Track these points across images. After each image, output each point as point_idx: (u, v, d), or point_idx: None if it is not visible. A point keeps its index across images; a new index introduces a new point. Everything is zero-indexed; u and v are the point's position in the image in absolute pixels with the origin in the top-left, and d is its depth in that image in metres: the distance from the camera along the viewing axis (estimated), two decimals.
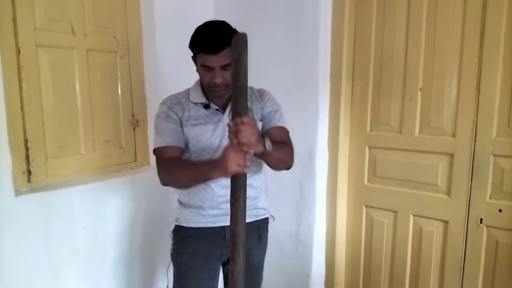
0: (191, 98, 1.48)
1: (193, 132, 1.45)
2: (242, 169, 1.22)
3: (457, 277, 1.81)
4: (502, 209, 1.68)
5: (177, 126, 1.45)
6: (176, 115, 1.45)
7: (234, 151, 1.21)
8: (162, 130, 1.46)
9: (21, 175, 1.59)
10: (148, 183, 2.00)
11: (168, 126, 1.45)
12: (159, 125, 1.47)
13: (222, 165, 1.23)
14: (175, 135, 1.45)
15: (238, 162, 1.21)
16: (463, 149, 1.74)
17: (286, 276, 2.19)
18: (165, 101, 1.50)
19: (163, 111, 1.47)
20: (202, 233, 1.50)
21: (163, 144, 1.45)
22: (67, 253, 1.71)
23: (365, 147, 2.03)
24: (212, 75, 1.36)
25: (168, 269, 1.59)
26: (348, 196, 2.13)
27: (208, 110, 1.47)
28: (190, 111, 1.46)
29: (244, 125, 1.19)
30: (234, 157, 1.21)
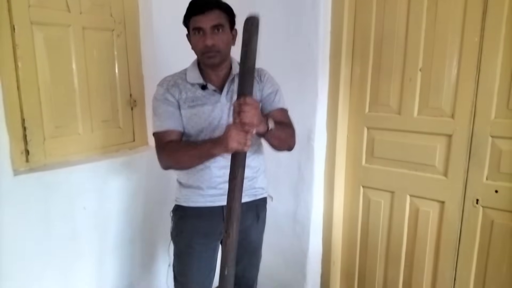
0: (188, 79, 1.46)
1: (191, 114, 1.44)
2: (242, 148, 1.24)
3: (452, 256, 1.84)
4: (498, 190, 1.69)
5: (175, 108, 1.45)
6: (173, 97, 1.44)
7: (236, 129, 1.23)
8: (160, 114, 1.45)
9: (19, 155, 1.59)
10: (146, 163, 2.00)
11: (166, 109, 1.44)
12: (157, 108, 1.46)
13: (223, 142, 1.25)
14: (174, 119, 1.45)
15: (239, 140, 1.22)
16: (462, 130, 1.74)
17: (284, 255, 2.22)
18: (161, 82, 1.48)
19: (160, 94, 1.46)
20: (201, 212, 1.51)
21: (163, 128, 1.45)
22: (67, 232, 1.72)
23: (364, 128, 2.03)
24: (203, 39, 1.35)
25: (169, 247, 1.61)
26: (346, 177, 2.14)
27: (206, 91, 1.45)
28: (187, 93, 1.45)
29: (247, 106, 1.21)
30: (235, 135, 1.23)
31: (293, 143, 1.53)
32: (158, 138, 1.47)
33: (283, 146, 1.49)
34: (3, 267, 1.50)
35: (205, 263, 1.56)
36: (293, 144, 1.53)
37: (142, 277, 2.13)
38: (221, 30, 1.36)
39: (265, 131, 1.33)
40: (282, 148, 1.50)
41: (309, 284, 2.20)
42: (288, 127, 1.50)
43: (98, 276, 1.89)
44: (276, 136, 1.40)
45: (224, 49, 1.40)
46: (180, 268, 1.57)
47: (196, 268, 1.54)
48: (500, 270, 1.73)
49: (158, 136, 1.46)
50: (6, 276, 1.52)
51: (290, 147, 1.53)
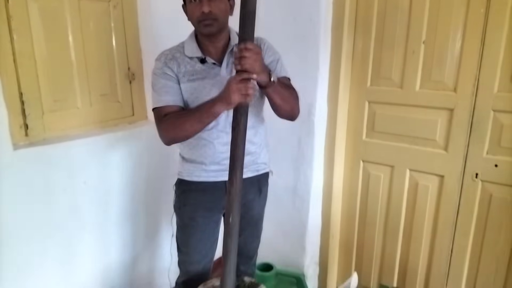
0: (186, 52, 1.43)
1: (191, 88, 1.42)
2: (245, 98, 1.21)
3: (450, 229, 1.87)
4: (498, 164, 1.70)
5: (174, 83, 1.42)
6: (171, 71, 1.41)
7: (236, 81, 1.20)
8: (159, 88, 1.42)
9: (18, 129, 1.57)
10: (146, 137, 1.99)
11: (165, 84, 1.42)
12: (156, 83, 1.43)
13: (224, 96, 1.23)
14: (173, 93, 1.42)
15: (241, 90, 1.20)
16: (464, 104, 1.73)
17: (283, 228, 2.25)
18: (159, 57, 1.45)
19: (158, 68, 1.43)
20: (204, 187, 1.52)
21: (162, 104, 1.42)
22: (68, 206, 1.74)
23: (365, 102, 2.01)
24: (200, 6, 1.31)
25: (172, 219, 1.63)
26: (346, 151, 2.14)
27: (205, 65, 1.42)
28: (186, 66, 1.42)
29: (248, 51, 1.18)
30: (236, 87, 1.20)
31: (297, 110, 1.49)
32: (157, 113, 1.44)
33: (286, 108, 1.43)
34: (4, 239, 1.52)
35: (208, 234, 1.58)
36: (297, 111, 1.49)
37: (146, 248, 2.17)
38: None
39: (267, 83, 1.29)
40: (285, 109, 1.44)
41: (308, 256, 2.24)
42: (292, 90, 1.47)
43: (102, 247, 1.92)
44: (279, 93, 1.36)
45: (222, 17, 1.35)
46: (183, 240, 1.60)
47: (199, 240, 1.57)
48: (496, 243, 1.76)
49: (157, 111, 1.44)
50: (8, 246, 1.53)
51: (294, 113, 1.49)
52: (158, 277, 2.26)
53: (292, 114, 1.50)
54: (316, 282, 2.33)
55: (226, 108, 1.28)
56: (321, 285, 2.32)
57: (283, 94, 1.39)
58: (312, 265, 2.29)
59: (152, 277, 2.24)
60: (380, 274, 2.15)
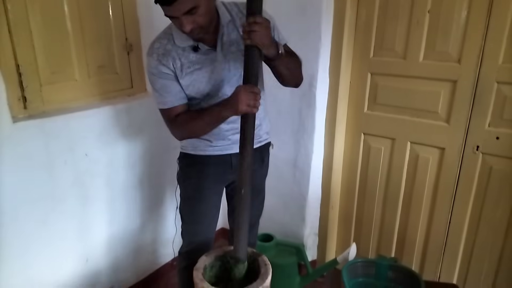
0: (176, 42, 1.36)
1: (190, 80, 1.39)
2: (251, 110, 1.23)
3: (448, 201, 1.88)
4: (499, 137, 1.69)
5: (173, 81, 1.39)
6: (167, 68, 1.36)
7: (245, 91, 1.22)
8: (159, 89, 1.40)
9: (16, 102, 1.56)
10: (146, 110, 1.98)
11: (164, 84, 1.39)
12: (154, 83, 1.40)
13: (232, 105, 1.24)
14: (175, 93, 1.40)
15: (248, 102, 1.22)
16: (467, 75, 1.70)
17: (284, 199, 2.28)
18: (150, 51, 1.38)
19: (153, 67, 1.37)
20: (209, 160, 1.53)
21: (166, 106, 1.42)
22: (70, 178, 1.75)
23: (367, 74, 1.98)
24: (180, 23, 1.23)
25: (176, 191, 1.65)
26: (347, 124, 2.13)
27: (199, 53, 1.37)
28: (181, 59, 1.37)
29: (257, 25, 1.16)
30: (244, 98, 1.21)
31: (301, 77, 1.50)
32: (164, 114, 1.45)
33: (291, 77, 1.44)
34: (7, 211, 1.54)
35: (212, 206, 1.60)
36: (301, 78, 1.50)
37: (150, 219, 2.21)
38: (196, 10, 1.20)
39: (275, 55, 1.28)
40: (290, 79, 1.45)
41: (308, 226, 2.28)
42: (296, 57, 1.46)
43: (107, 218, 1.96)
44: (285, 64, 1.36)
45: (207, 21, 1.27)
46: (187, 211, 1.62)
47: (203, 211, 1.59)
48: (494, 214, 1.78)
49: (163, 113, 1.45)
50: (12, 218, 1.56)
51: (298, 81, 1.50)
52: (162, 247, 2.31)
53: (297, 82, 1.50)
54: (315, 252, 2.38)
55: (233, 115, 1.31)
56: (320, 255, 2.37)
57: (289, 65, 1.38)
58: (312, 235, 2.33)
59: (156, 247, 2.29)
60: (379, 245, 2.19)
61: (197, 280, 1.33)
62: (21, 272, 1.64)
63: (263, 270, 1.38)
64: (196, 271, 1.38)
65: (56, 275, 1.78)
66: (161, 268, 2.34)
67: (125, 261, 2.10)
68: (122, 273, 2.10)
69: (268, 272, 1.37)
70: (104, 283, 2.02)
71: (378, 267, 1.45)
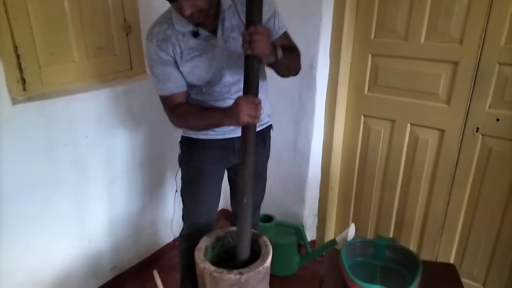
0: (176, 27, 1.34)
1: (191, 67, 1.38)
2: (253, 121, 1.23)
3: (447, 182, 1.90)
4: (499, 118, 1.69)
5: (172, 68, 1.37)
6: (167, 54, 1.35)
7: (246, 103, 1.21)
8: (159, 76, 1.39)
9: (15, 84, 1.55)
10: (145, 92, 1.98)
11: (163, 71, 1.38)
12: (154, 69, 1.39)
13: (233, 115, 1.24)
14: (174, 80, 1.39)
15: (250, 113, 1.21)
16: (469, 56, 1.69)
17: (283, 181, 2.29)
18: (149, 36, 1.37)
19: (153, 52, 1.36)
20: (212, 144, 1.54)
21: (166, 93, 1.41)
22: (71, 160, 1.76)
23: (368, 55, 1.97)
24: (179, 7, 1.21)
25: (176, 175, 1.66)
26: (347, 106, 2.13)
27: (199, 38, 1.35)
28: (181, 45, 1.35)
29: (258, 35, 1.14)
30: (245, 109, 1.21)
31: (300, 67, 1.50)
32: (163, 101, 1.45)
33: (290, 73, 1.47)
34: (8, 193, 1.55)
35: (213, 188, 1.62)
36: (299, 69, 1.50)
37: (150, 201, 2.23)
38: None
39: (274, 61, 1.28)
40: (289, 75, 1.47)
41: (307, 208, 2.30)
42: (295, 52, 1.45)
43: (107, 200, 1.97)
44: (284, 65, 1.36)
45: (206, 5, 1.25)
46: (188, 194, 1.63)
47: (204, 194, 1.61)
48: (492, 196, 1.79)
49: (163, 99, 1.45)
50: (13, 200, 1.57)
51: (296, 72, 1.50)
52: (163, 228, 2.34)
53: (295, 73, 1.50)
54: (314, 232, 2.41)
55: (235, 125, 1.33)
56: (319, 235, 2.40)
57: (287, 65, 1.38)
58: (311, 216, 2.36)
59: (157, 228, 2.32)
60: (377, 226, 2.22)
61: (198, 260, 1.36)
62: (24, 253, 1.66)
63: (264, 250, 1.41)
64: (197, 252, 1.40)
65: (59, 255, 1.81)
66: (162, 248, 2.38)
67: (126, 242, 2.13)
68: (124, 254, 2.13)
69: (268, 252, 1.40)
70: (107, 264, 2.06)
71: (377, 247, 1.47)
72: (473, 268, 1.94)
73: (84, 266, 1.93)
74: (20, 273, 1.66)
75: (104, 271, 2.05)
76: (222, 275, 1.28)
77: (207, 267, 1.32)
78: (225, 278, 1.28)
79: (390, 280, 1.33)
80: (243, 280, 1.28)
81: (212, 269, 1.30)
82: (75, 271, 1.90)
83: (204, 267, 1.32)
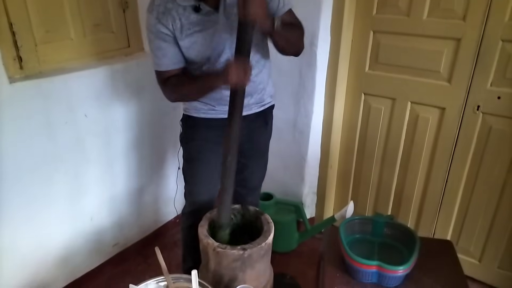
0: (178, 1, 1.31)
1: (190, 43, 1.35)
2: (241, 83, 1.22)
3: (446, 160, 1.90)
4: (501, 96, 1.68)
5: (170, 43, 1.35)
6: (166, 28, 1.33)
7: (237, 64, 1.20)
8: (156, 50, 1.38)
9: (12, 62, 1.53)
10: (143, 70, 1.96)
11: (160, 45, 1.36)
12: (152, 42, 1.38)
13: (223, 76, 1.23)
14: (171, 55, 1.38)
15: (239, 75, 1.20)
16: (472, 33, 1.66)
17: (283, 159, 2.30)
18: (150, 8, 1.34)
19: (152, 25, 1.34)
20: (212, 123, 1.54)
21: (161, 68, 1.41)
22: (71, 139, 1.76)
23: (370, 32, 1.94)
24: None
25: (179, 153, 1.67)
26: (348, 84, 2.11)
27: (200, 14, 1.33)
28: (181, 19, 1.32)
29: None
30: (235, 70, 1.20)
31: (302, 46, 1.47)
32: (158, 75, 1.45)
33: (291, 49, 1.43)
34: (9, 171, 1.55)
35: (214, 167, 1.62)
36: (301, 47, 1.47)
37: (152, 179, 2.25)
38: None
39: (271, 29, 1.25)
40: (289, 51, 1.44)
41: (307, 186, 2.32)
42: (298, 28, 1.43)
43: (108, 178, 1.99)
44: (284, 37, 1.33)
45: None
46: (190, 172, 1.65)
47: (206, 172, 1.62)
48: (491, 174, 1.80)
49: (158, 74, 1.44)
50: (15, 178, 1.58)
51: (299, 51, 1.47)
52: (165, 205, 2.37)
53: (297, 52, 1.48)
54: (313, 210, 2.44)
55: (224, 86, 1.30)
56: (318, 213, 2.43)
57: (287, 38, 1.36)
58: (310, 194, 2.38)
59: (159, 205, 2.34)
60: (376, 203, 2.24)
61: (202, 236, 1.38)
62: (27, 231, 1.68)
63: (266, 227, 1.43)
64: (201, 228, 1.42)
65: (62, 233, 1.84)
66: (164, 225, 2.41)
67: (129, 219, 2.16)
68: (126, 231, 2.16)
69: (270, 229, 1.42)
70: (109, 241, 2.09)
71: (375, 224, 1.49)
72: (470, 244, 1.97)
73: (87, 243, 1.96)
74: (23, 251, 1.69)
75: (107, 248, 2.08)
76: (225, 250, 1.31)
77: (210, 242, 1.34)
78: (228, 253, 1.31)
79: (388, 256, 1.36)
80: (246, 255, 1.31)
81: (215, 244, 1.33)
82: (78, 248, 1.93)
83: (208, 242, 1.34)
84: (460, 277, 1.38)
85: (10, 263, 1.65)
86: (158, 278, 1.30)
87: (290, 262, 2.19)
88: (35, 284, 1.77)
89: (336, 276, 1.37)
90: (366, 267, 1.30)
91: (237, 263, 1.32)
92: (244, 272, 1.35)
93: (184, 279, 1.31)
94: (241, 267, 1.33)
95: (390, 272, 1.28)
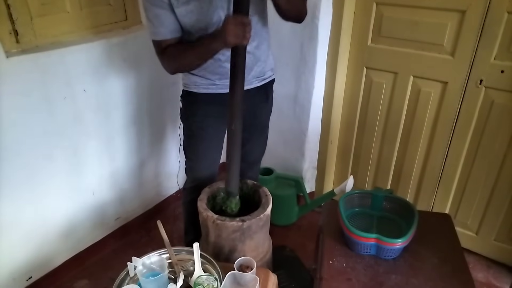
0: None
1: (186, 12, 1.31)
2: (241, 41, 1.19)
3: (447, 135, 1.90)
4: (504, 70, 1.66)
5: (167, 11, 1.31)
6: None
7: (235, 22, 1.17)
8: (153, 18, 1.34)
9: (8, 35, 1.51)
10: (141, 44, 1.92)
11: (157, 14, 1.32)
12: (148, 11, 1.34)
13: (221, 36, 1.20)
14: (168, 24, 1.34)
15: (237, 33, 1.17)
16: (477, 5, 1.62)
17: (283, 135, 2.30)
18: None
19: None
20: (213, 98, 1.52)
21: (158, 37, 1.37)
22: (71, 114, 1.75)
23: (372, 4, 1.89)
24: None
25: (179, 129, 1.66)
26: (350, 58, 2.08)
27: None
28: None
29: None
30: (233, 28, 1.17)
31: (305, 11, 1.43)
32: (155, 45, 1.41)
33: (293, 12, 1.38)
34: (7, 147, 1.55)
35: (215, 142, 1.63)
36: (305, 11, 1.43)
37: (152, 154, 2.25)
38: None
39: None
40: (292, 14, 1.39)
41: (307, 161, 2.33)
42: None
43: (109, 153, 1.99)
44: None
45: None
46: (191, 148, 1.65)
47: (207, 148, 1.62)
48: (492, 148, 1.80)
49: (156, 43, 1.41)
50: (15, 153, 1.58)
51: (301, 15, 1.43)
52: (166, 180, 2.39)
53: (299, 16, 1.43)
54: (313, 184, 2.46)
55: (223, 47, 1.26)
56: (318, 187, 2.45)
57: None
58: (311, 169, 2.39)
59: (160, 180, 2.36)
60: (375, 178, 2.25)
61: (201, 210, 1.40)
62: (30, 205, 1.70)
63: (264, 200, 1.44)
64: (200, 202, 1.44)
65: (64, 207, 1.86)
66: (166, 199, 2.43)
67: (130, 193, 2.18)
68: (128, 205, 2.19)
69: (268, 201, 1.44)
70: (111, 215, 2.12)
71: (374, 198, 1.51)
72: (468, 218, 1.99)
73: (89, 217, 1.99)
74: (26, 225, 1.72)
75: (109, 221, 2.11)
76: (224, 222, 1.33)
77: (210, 215, 1.36)
78: (227, 225, 1.33)
79: (386, 229, 1.37)
80: (245, 226, 1.33)
81: (215, 217, 1.35)
82: (81, 222, 1.96)
83: (207, 215, 1.36)
84: (457, 250, 1.40)
85: (14, 238, 1.68)
86: (161, 251, 1.32)
87: (290, 235, 2.22)
88: (39, 258, 1.81)
89: (335, 248, 1.39)
90: (365, 239, 1.32)
91: (237, 234, 1.34)
92: (243, 243, 1.37)
93: (186, 252, 1.34)
94: (240, 238, 1.36)
95: (388, 245, 1.30)
